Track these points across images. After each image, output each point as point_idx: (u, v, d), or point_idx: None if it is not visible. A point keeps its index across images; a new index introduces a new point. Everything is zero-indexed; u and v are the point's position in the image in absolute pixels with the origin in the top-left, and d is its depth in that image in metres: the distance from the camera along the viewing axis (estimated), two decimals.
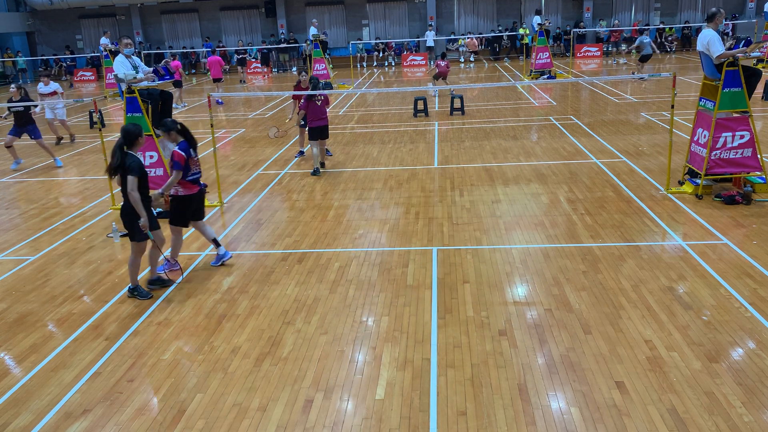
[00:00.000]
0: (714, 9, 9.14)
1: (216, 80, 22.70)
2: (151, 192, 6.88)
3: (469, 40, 32.55)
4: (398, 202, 9.68)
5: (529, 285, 6.63)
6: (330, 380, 5.10)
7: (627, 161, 11.32)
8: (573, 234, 7.98)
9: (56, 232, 9.17)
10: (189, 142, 7.22)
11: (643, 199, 9.18)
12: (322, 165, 11.78)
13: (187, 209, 7.27)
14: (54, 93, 15.45)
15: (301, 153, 13.10)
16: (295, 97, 12.81)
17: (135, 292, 6.80)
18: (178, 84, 22.08)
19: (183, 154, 7.04)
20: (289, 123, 15.25)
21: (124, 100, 9.63)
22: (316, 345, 5.65)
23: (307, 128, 11.59)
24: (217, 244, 7.58)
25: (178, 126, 7.22)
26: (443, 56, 20.52)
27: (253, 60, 33.55)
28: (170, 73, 11.38)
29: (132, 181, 6.30)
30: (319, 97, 11.27)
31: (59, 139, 15.96)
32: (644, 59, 21.75)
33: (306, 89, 11.90)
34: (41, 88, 15.39)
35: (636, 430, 4.32)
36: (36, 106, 13.72)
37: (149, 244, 6.77)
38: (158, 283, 7.03)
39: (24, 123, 13.32)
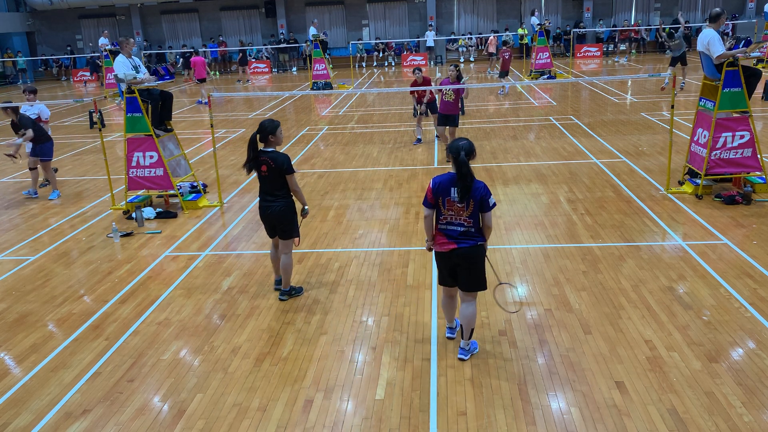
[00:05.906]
0: (718, 9, 9.08)
1: (200, 80, 22.63)
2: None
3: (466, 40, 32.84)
4: (398, 202, 9.67)
5: (529, 285, 6.63)
6: (330, 380, 5.09)
7: (627, 161, 11.31)
8: (573, 234, 7.98)
9: (56, 232, 9.17)
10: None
11: (643, 199, 9.18)
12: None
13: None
14: None
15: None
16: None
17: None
18: (202, 81, 22.58)
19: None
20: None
21: (124, 100, 9.64)
22: (316, 345, 5.65)
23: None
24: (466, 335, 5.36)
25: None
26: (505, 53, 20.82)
27: (254, 60, 33.63)
28: (170, 73, 11.37)
29: None
30: (447, 92, 11.87)
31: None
32: (674, 62, 18.61)
33: (419, 84, 13.20)
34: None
35: (636, 430, 4.32)
36: None
37: None
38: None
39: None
